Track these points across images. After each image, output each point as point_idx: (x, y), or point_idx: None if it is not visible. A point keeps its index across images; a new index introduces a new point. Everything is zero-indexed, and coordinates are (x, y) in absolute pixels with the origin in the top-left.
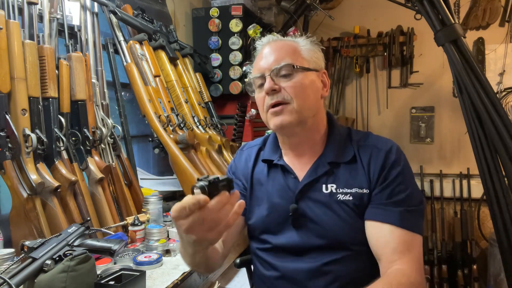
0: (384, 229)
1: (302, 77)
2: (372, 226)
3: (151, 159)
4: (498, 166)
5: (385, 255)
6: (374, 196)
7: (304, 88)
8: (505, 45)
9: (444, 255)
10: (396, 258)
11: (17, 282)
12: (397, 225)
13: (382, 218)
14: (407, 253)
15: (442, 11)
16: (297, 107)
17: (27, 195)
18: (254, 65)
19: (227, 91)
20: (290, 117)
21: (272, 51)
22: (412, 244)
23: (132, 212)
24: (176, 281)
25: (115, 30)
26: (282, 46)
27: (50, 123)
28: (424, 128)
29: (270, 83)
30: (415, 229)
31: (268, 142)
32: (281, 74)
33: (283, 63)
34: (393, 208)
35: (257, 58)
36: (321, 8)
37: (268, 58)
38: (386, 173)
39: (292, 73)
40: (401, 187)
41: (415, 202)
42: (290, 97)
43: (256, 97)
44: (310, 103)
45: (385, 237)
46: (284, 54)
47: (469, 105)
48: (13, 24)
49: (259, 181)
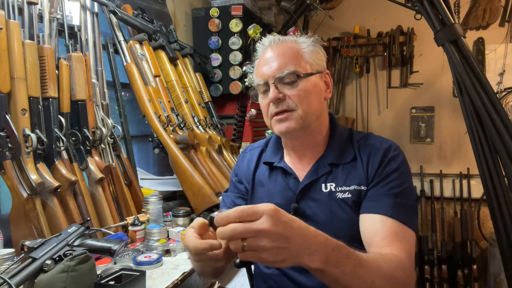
0: (375, 219)
1: (306, 84)
2: (364, 219)
3: (151, 159)
4: (498, 166)
5: (375, 242)
6: (369, 190)
7: (308, 94)
8: (505, 45)
9: (444, 255)
10: (385, 244)
11: (17, 282)
12: (389, 215)
13: (375, 209)
14: (397, 242)
15: (442, 11)
16: (302, 113)
17: (27, 195)
18: (256, 70)
19: (227, 91)
20: (295, 123)
21: (274, 56)
22: (403, 237)
23: (132, 212)
24: (176, 281)
25: (115, 30)
26: (284, 51)
27: (50, 123)
28: (424, 128)
29: (275, 92)
30: (407, 223)
31: (270, 144)
32: (284, 82)
33: (286, 72)
34: (386, 200)
35: (259, 62)
36: (321, 8)
37: (271, 65)
38: (383, 169)
39: (296, 80)
40: (396, 182)
41: (409, 198)
42: (294, 104)
43: (260, 102)
44: (314, 108)
45: (376, 227)
46: (287, 60)
47: (469, 105)
48: (13, 24)
49: (260, 182)
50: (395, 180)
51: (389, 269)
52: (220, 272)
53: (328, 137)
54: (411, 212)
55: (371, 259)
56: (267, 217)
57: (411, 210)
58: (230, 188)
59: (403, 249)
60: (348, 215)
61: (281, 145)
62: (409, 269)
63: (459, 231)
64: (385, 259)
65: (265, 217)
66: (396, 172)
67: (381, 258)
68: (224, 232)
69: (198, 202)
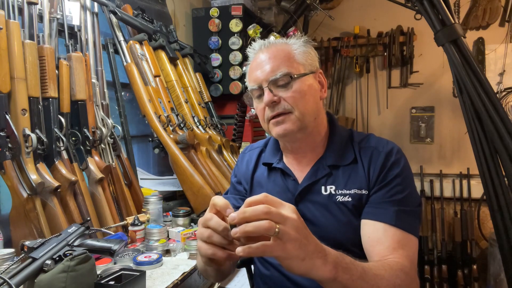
0: (378, 227)
1: (300, 85)
2: (366, 225)
3: (151, 159)
4: (498, 166)
5: (376, 251)
6: (371, 196)
7: (303, 95)
8: (505, 45)
9: (444, 255)
10: (388, 253)
11: (17, 282)
12: (392, 224)
13: (377, 216)
14: (400, 250)
15: (442, 11)
16: (298, 115)
17: (27, 195)
18: (249, 75)
19: (227, 91)
20: (292, 125)
21: (266, 59)
22: (406, 244)
23: (132, 212)
24: (176, 281)
25: (115, 30)
26: (276, 54)
27: (50, 123)
28: (424, 128)
29: (269, 96)
30: (410, 230)
31: (269, 145)
32: (278, 84)
33: (279, 74)
34: (388, 207)
35: (251, 67)
36: (321, 8)
37: (264, 68)
38: (385, 174)
39: (290, 82)
40: (399, 188)
41: (412, 203)
42: (290, 106)
43: (255, 107)
44: (310, 108)
45: (378, 235)
46: (279, 62)
47: (469, 105)
48: (13, 24)
49: (259, 183)
50: (398, 185)
51: (391, 276)
52: (223, 275)
53: (327, 137)
54: (413, 219)
55: (373, 266)
56: (291, 208)
57: (413, 216)
58: (230, 190)
59: (406, 256)
60: (348, 219)
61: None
62: (412, 276)
63: (459, 231)
64: (386, 267)
65: (290, 208)
66: (399, 178)
67: (381, 266)
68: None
69: (198, 202)
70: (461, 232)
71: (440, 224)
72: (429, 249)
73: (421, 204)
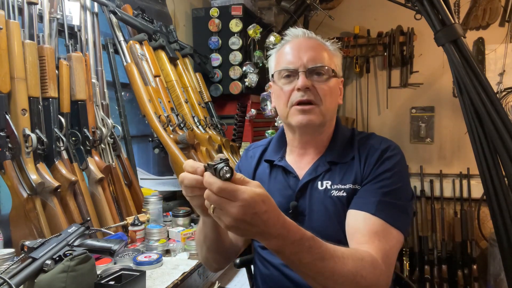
0: (358, 216)
1: (334, 82)
2: (350, 214)
3: (151, 159)
4: (498, 166)
5: (355, 239)
6: (361, 188)
7: (332, 92)
8: (505, 45)
9: (444, 255)
10: (363, 241)
11: (17, 282)
12: (371, 213)
13: (359, 206)
14: (376, 241)
15: (442, 11)
16: (324, 110)
17: (27, 195)
18: (283, 55)
19: (227, 91)
20: (316, 118)
21: (307, 47)
22: (384, 237)
23: (132, 212)
24: (176, 281)
25: (115, 30)
26: (317, 46)
27: (50, 123)
28: (424, 128)
29: (305, 81)
30: (393, 223)
31: (272, 142)
32: (315, 74)
33: (320, 64)
34: (371, 197)
35: (285, 48)
36: (321, 8)
37: (306, 53)
38: (376, 168)
39: (328, 76)
40: (387, 182)
41: (400, 198)
42: (319, 98)
43: (278, 88)
44: (332, 108)
45: (357, 223)
46: (321, 55)
47: (469, 105)
48: (13, 24)
49: (261, 180)
50: (386, 179)
51: (355, 267)
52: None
53: (331, 137)
54: (399, 212)
55: (338, 255)
56: (241, 207)
57: (400, 210)
58: None
59: (380, 249)
60: (341, 213)
61: (283, 143)
62: (381, 269)
63: (459, 231)
64: (355, 257)
65: (239, 206)
66: (389, 172)
67: (351, 255)
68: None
69: None
70: (461, 232)
71: (440, 224)
72: (429, 249)
73: (413, 200)
